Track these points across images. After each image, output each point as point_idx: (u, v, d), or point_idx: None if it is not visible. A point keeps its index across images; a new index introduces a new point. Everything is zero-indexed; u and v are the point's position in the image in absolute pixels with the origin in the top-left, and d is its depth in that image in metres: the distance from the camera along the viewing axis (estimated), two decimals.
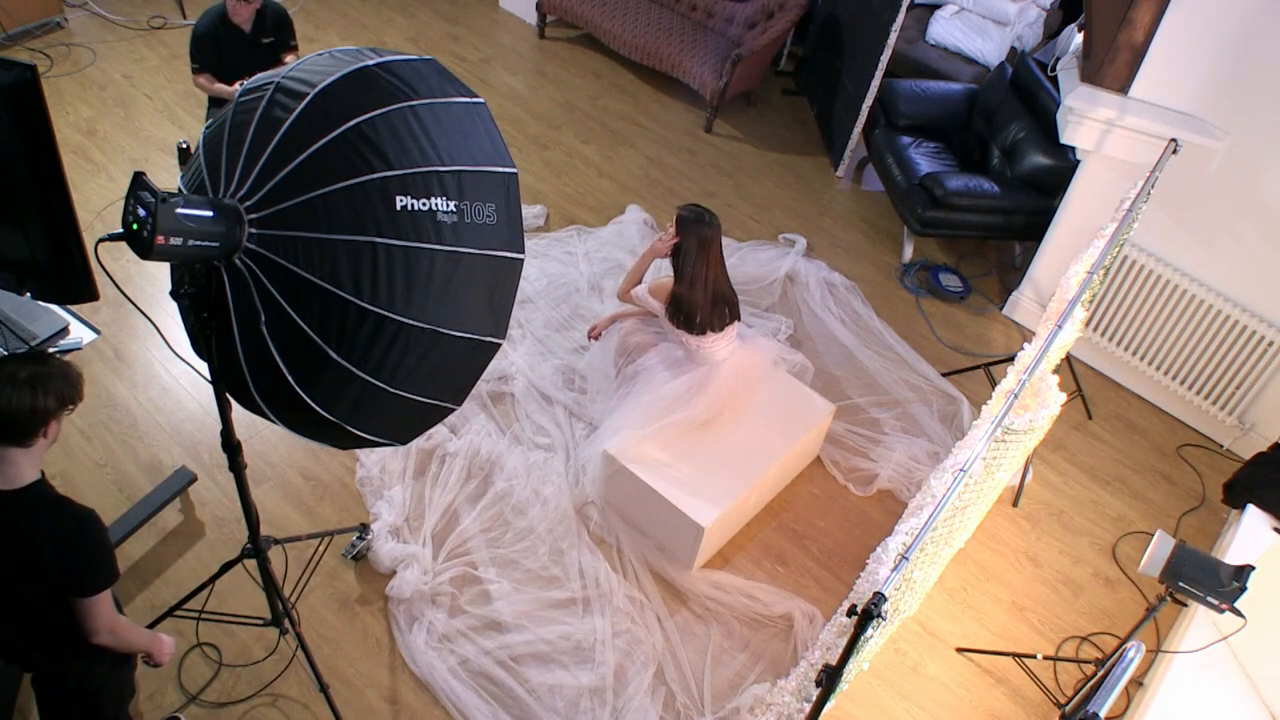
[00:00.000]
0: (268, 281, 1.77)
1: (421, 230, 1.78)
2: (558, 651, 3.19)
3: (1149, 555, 2.68)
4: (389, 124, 1.79)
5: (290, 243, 1.75)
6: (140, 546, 3.33)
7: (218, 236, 1.73)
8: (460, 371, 1.99)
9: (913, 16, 6.44)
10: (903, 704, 3.29)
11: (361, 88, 1.82)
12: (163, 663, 2.39)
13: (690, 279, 3.51)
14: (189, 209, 1.68)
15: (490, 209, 1.87)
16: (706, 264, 3.51)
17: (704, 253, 3.50)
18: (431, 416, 2.05)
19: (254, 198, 1.76)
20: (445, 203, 1.80)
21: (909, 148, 5.22)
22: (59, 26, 5.78)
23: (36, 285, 2.63)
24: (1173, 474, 4.28)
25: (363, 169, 1.75)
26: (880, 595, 1.90)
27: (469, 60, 6.24)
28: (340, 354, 1.79)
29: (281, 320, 1.79)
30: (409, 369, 1.87)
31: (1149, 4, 3.83)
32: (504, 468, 3.69)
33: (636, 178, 5.46)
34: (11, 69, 2.24)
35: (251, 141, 1.79)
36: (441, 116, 1.85)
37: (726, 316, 3.60)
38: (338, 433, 1.95)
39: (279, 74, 1.88)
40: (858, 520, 3.84)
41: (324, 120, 1.77)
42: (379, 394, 1.87)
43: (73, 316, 3.21)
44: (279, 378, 1.83)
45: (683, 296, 3.53)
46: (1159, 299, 4.28)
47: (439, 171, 1.80)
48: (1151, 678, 3.27)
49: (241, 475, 2.47)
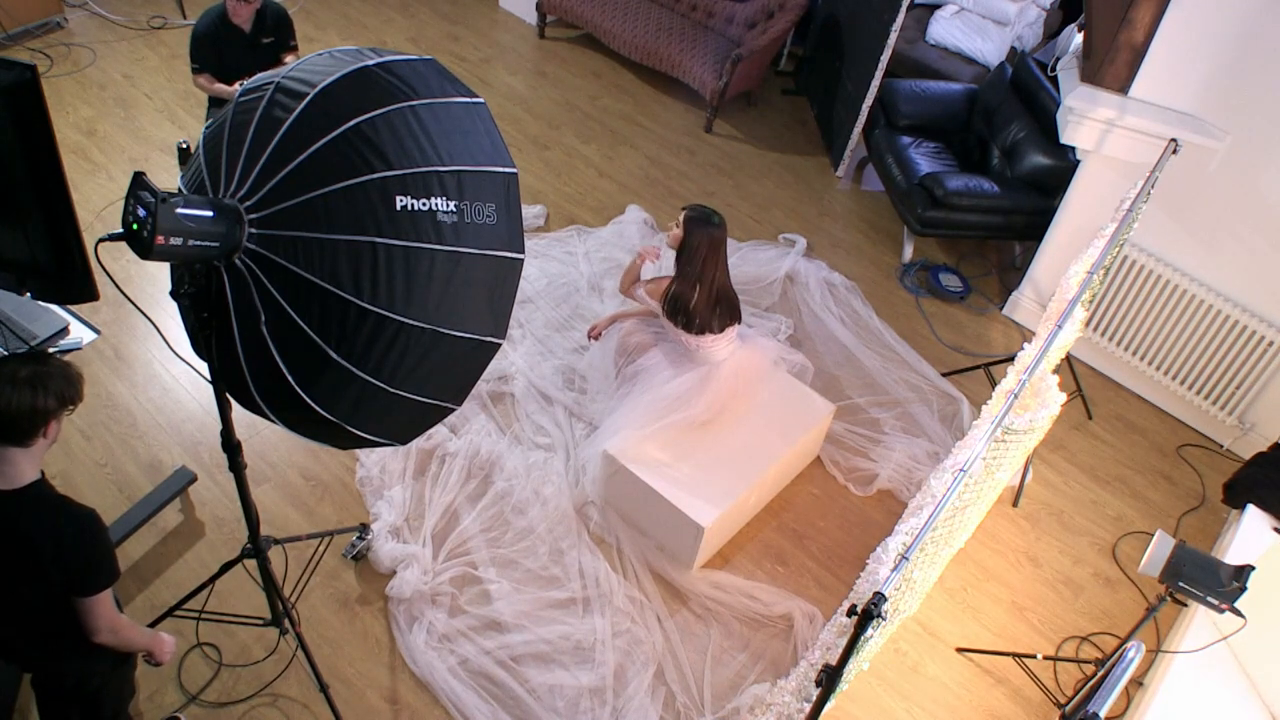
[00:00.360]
0: (268, 281, 1.77)
1: (421, 230, 1.78)
2: (558, 651, 3.19)
3: (1149, 555, 2.68)
4: (389, 124, 1.78)
5: (290, 243, 1.75)
6: (140, 546, 3.33)
7: (218, 236, 1.73)
8: (460, 371, 1.99)
9: (913, 16, 6.44)
10: (903, 704, 3.29)
11: (362, 88, 1.82)
12: (163, 661, 2.39)
13: (693, 279, 3.52)
14: (189, 209, 1.68)
15: (490, 209, 1.87)
16: (711, 266, 3.52)
17: (710, 254, 3.50)
18: (432, 416, 2.04)
19: (254, 198, 1.76)
20: (445, 203, 1.80)
21: (909, 148, 5.22)
22: (59, 26, 5.78)
23: (36, 285, 2.63)
24: (1173, 474, 4.28)
25: (363, 169, 1.75)
26: (880, 595, 1.90)
27: (469, 60, 6.24)
28: (340, 354, 1.79)
29: (281, 320, 1.78)
30: (409, 369, 1.86)
31: (1149, 4, 3.83)
32: (504, 468, 3.69)
33: (636, 178, 5.46)
34: (11, 69, 2.24)
35: (251, 141, 1.79)
36: (441, 116, 1.85)
37: (726, 318, 3.60)
38: (338, 433, 1.95)
39: (279, 74, 1.87)
40: (858, 520, 3.84)
41: (324, 120, 1.77)
42: (379, 394, 1.87)
43: (73, 316, 3.22)
44: (279, 378, 1.83)
45: (682, 295, 3.53)
46: (1159, 299, 4.28)
47: (439, 171, 1.80)
48: (1151, 678, 3.27)
49: (241, 475, 2.47)
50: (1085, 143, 4.19)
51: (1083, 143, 4.20)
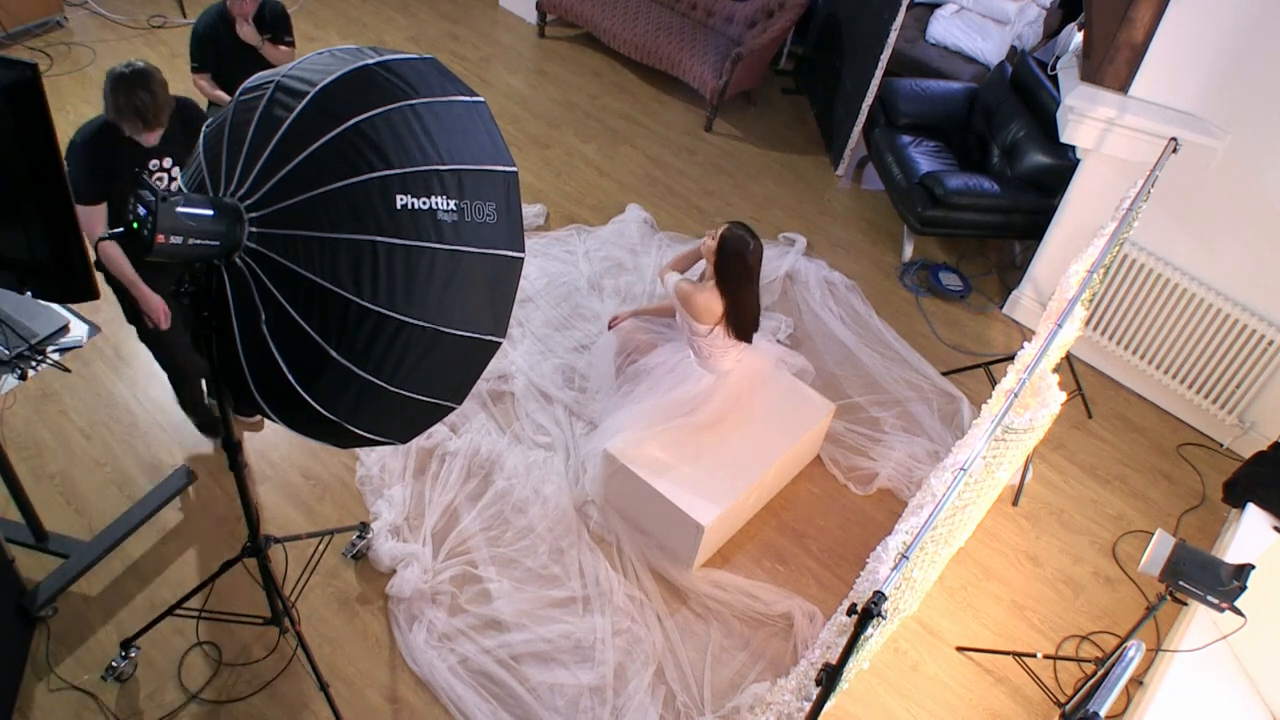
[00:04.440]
0: (268, 280, 1.77)
1: (422, 229, 1.78)
2: (558, 650, 3.19)
3: (1149, 554, 2.68)
4: (389, 123, 1.78)
5: (290, 241, 1.75)
6: (140, 546, 3.33)
7: (218, 235, 1.73)
8: (460, 370, 1.99)
9: (912, 15, 6.44)
10: (903, 703, 3.29)
11: (362, 87, 1.82)
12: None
13: (735, 303, 3.50)
14: (189, 208, 1.68)
15: (490, 208, 1.87)
16: (746, 289, 3.49)
17: (745, 282, 3.48)
18: (432, 415, 2.05)
19: (254, 196, 1.76)
20: (445, 201, 1.80)
21: (909, 147, 5.22)
22: (59, 25, 5.78)
23: (37, 284, 2.63)
24: (1173, 473, 4.28)
25: (363, 168, 1.75)
26: (880, 594, 1.90)
27: (469, 59, 6.24)
28: (340, 353, 1.79)
29: (282, 319, 1.79)
30: (409, 368, 1.87)
31: (1149, 3, 3.83)
32: (504, 467, 3.69)
33: (636, 177, 5.46)
34: (12, 68, 2.23)
35: (252, 140, 1.79)
36: (442, 115, 1.85)
37: (748, 331, 3.60)
38: (338, 431, 1.95)
39: (279, 73, 1.87)
40: (858, 519, 3.84)
41: (324, 119, 1.77)
42: (379, 393, 1.87)
43: (73, 315, 3.22)
44: (279, 376, 1.83)
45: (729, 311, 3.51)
46: (1159, 298, 4.28)
47: (439, 170, 1.80)
48: (1151, 677, 3.27)
49: (241, 474, 2.47)
50: (1085, 142, 4.19)
51: (1083, 142, 4.20)
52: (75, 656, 3.02)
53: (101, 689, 2.95)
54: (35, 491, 3.32)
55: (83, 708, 2.90)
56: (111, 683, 2.96)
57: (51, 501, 3.40)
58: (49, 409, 3.72)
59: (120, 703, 2.93)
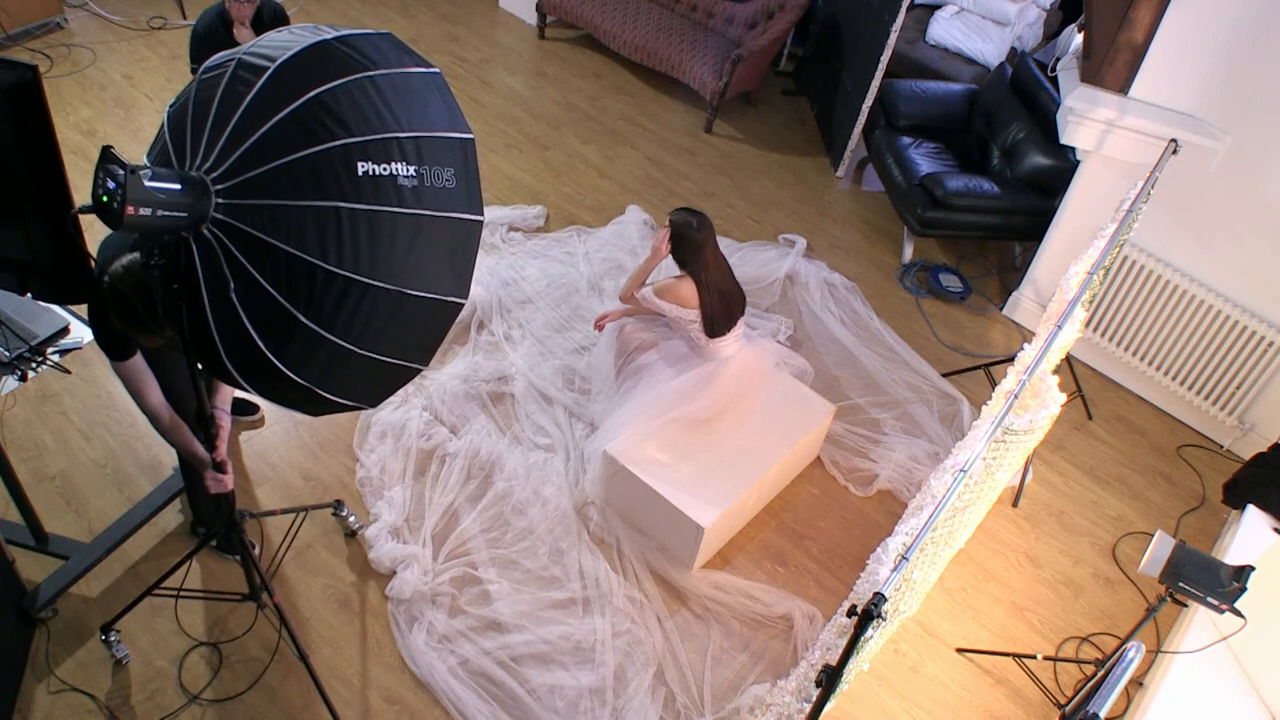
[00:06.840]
0: (236, 250, 1.81)
1: (383, 194, 1.82)
2: (558, 652, 3.19)
3: (1149, 555, 2.68)
4: (348, 94, 1.83)
5: (256, 211, 1.79)
6: (140, 546, 3.33)
7: (185, 208, 1.77)
8: (426, 331, 2.04)
9: (913, 17, 6.44)
10: (903, 704, 3.29)
11: (321, 60, 1.86)
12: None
13: (704, 283, 3.56)
14: (157, 181, 1.72)
15: (449, 173, 1.92)
16: (703, 268, 3.54)
17: (692, 258, 3.55)
18: (400, 377, 2.09)
19: (219, 169, 1.80)
20: (405, 168, 1.85)
21: (909, 148, 5.22)
22: (59, 27, 5.78)
23: (37, 285, 2.63)
24: (1173, 474, 4.28)
25: (324, 137, 1.79)
26: (880, 595, 1.90)
27: (469, 61, 6.24)
28: (309, 317, 1.83)
29: (251, 287, 1.82)
30: (376, 330, 1.91)
31: (1149, 4, 3.83)
32: (504, 468, 3.69)
33: (636, 178, 5.46)
34: (12, 69, 2.24)
35: (215, 116, 1.83)
36: (400, 86, 1.90)
37: (735, 312, 3.64)
38: (309, 397, 1.99)
39: (239, 51, 1.92)
40: (857, 520, 3.84)
41: (285, 92, 1.81)
42: (348, 356, 1.91)
43: (73, 316, 3.22)
44: (250, 344, 1.87)
45: (704, 290, 3.57)
46: (1159, 299, 4.28)
47: (398, 138, 1.84)
48: (1151, 678, 3.27)
49: (215, 448, 2.53)
50: (1085, 143, 4.19)
51: (1083, 143, 4.20)
52: (75, 658, 3.01)
53: (101, 689, 2.94)
54: (35, 493, 3.32)
55: (83, 709, 2.90)
56: (111, 668, 2.99)
57: (51, 503, 3.40)
58: (49, 410, 3.72)
59: (121, 702, 2.93)
